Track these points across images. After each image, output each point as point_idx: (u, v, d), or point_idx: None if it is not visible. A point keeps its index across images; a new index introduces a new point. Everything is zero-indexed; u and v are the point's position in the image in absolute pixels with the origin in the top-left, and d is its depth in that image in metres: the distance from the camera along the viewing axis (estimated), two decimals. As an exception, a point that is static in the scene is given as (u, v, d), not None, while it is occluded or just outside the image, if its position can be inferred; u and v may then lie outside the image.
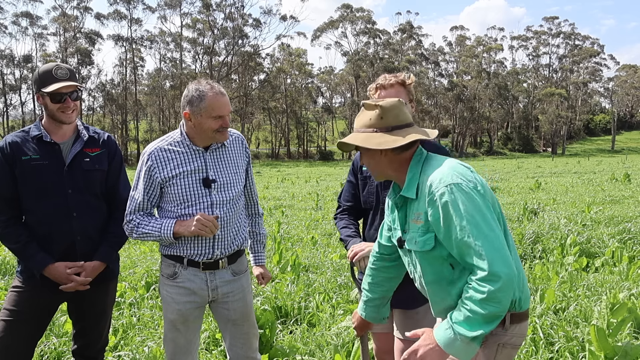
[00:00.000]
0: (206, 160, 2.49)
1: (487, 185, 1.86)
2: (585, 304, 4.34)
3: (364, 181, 2.70)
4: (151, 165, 2.44)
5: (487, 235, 1.70)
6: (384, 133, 1.90)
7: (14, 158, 2.50)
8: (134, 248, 7.23)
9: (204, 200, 2.45)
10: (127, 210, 2.50)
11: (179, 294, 2.49)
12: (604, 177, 20.76)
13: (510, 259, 1.71)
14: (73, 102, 2.52)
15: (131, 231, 2.48)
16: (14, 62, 63.08)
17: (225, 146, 2.56)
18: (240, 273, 2.62)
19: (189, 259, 2.47)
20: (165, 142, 2.50)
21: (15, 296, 2.55)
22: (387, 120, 1.91)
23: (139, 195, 2.47)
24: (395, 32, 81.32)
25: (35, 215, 2.54)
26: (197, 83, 2.41)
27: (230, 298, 2.56)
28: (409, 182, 1.91)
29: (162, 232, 2.40)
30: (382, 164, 1.96)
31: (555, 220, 8.51)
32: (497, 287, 1.66)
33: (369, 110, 1.95)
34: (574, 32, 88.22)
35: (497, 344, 1.84)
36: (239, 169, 2.60)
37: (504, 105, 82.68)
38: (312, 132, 79.47)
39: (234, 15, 69.05)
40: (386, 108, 1.91)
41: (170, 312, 2.51)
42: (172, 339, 2.53)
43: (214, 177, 2.48)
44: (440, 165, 1.86)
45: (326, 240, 8.16)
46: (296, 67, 75.39)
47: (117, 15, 66.90)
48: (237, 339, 2.62)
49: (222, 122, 2.40)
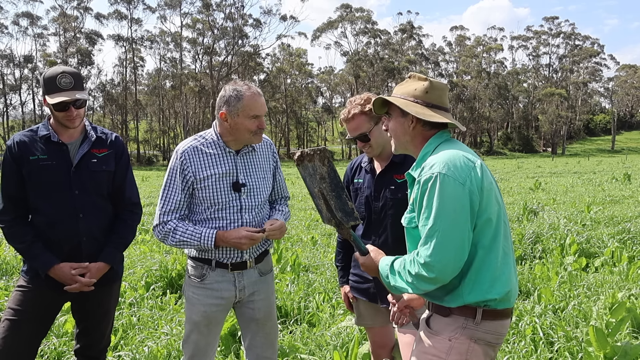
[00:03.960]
0: (237, 163, 2.48)
1: (486, 185, 1.83)
2: (585, 304, 4.34)
3: (356, 192, 2.75)
4: (184, 162, 2.42)
5: (445, 231, 1.74)
6: (424, 107, 1.95)
7: (21, 158, 2.51)
8: (134, 248, 7.23)
9: (234, 205, 2.45)
10: (160, 211, 2.44)
11: (205, 296, 2.49)
12: (603, 177, 20.76)
13: (453, 265, 1.76)
14: (76, 111, 2.52)
15: (165, 235, 2.42)
16: (14, 62, 63.08)
17: (256, 150, 2.55)
18: (267, 272, 2.62)
19: (217, 261, 2.47)
20: (199, 141, 2.48)
21: (19, 295, 2.55)
22: (432, 96, 1.96)
23: (174, 194, 2.43)
24: (396, 32, 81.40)
25: (41, 216, 2.55)
26: (234, 83, 2.40)
27: (256, 297, 2.56)
28: (418, 161, 1.96)
29: (201, 242, 2.37)
30: (407, 134, 1.99)
31: (555, 220, 8.51)
32: (425, 275, 1.76)
33: (417, 81, 2.00)
34: (574, 32, 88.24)
35: (469, 338, 1.85)
36: (267, 174, 2.60)
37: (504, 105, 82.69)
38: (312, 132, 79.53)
39: (234, 15, 69.08)
40: (435, 85, 1.97)
41: (195, 314, 2.49)
42: (194, 341, 2.51)
43: (243, 181, 2.47)
44: (448, 152, 1.87)
45: (326, 240, 8.16)
46: (296, 67, 75.40)
47: (118, 15, 66.96)
48: (257, 338, 2.61)
49: (259, 123, 2.40)
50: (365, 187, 2.70)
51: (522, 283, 5.19)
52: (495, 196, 1.88)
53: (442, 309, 1.91)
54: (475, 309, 1.85)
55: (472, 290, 1.84)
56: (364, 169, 2.75)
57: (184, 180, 2.43)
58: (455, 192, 1.76)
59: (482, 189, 1.82)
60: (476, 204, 1.80)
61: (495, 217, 1.85)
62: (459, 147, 1.92)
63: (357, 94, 3.18)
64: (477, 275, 1.83)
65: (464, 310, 1.86)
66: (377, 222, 2.63)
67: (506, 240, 1.89)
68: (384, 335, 2.77)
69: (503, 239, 1.87)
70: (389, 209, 2.58)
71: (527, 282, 5.22)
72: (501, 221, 1.88)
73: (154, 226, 2.50)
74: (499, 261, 1.85)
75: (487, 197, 1.83)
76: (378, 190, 2.64)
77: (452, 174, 1.78)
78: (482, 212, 1.82)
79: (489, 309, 1.85)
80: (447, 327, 1.89)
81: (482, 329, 1.86)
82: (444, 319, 1.91)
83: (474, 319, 1.85)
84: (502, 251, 1.86)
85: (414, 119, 1.95)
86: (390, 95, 2.06)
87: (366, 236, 2.67)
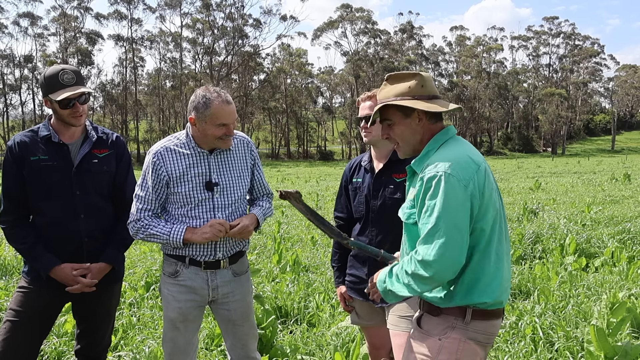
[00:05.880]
0: (210, 163, 2.50)
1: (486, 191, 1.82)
2: (585, 304, 4.35)
3: (355, 192, 2.77)
4: (157, 162, 2.45)
5: (447, 231, 1.73)
6: (424, 101, 1.91)
7: (22, 158, 2.51)
8: (134, 248, 7.23)
9: (207, 204, 2.47)
10: (134, 209, 2.49)
11: (179, 292, 2.51)
12: (603, 177, 20.76)
13: (452, 265, 1.75)
14: (82, 107, 2.52)
15: (137, 231, 2.47)
16: (14, 62, 63.05)
17: (230, 149, 2.56)
18: (241, 273, 2.63)
19: (190, 258, 2.49)
20: (172, 142, 2.52)
21: (21, 296, 2.55)
22: (427, 88, 1.93)
23: (146, 193, 2.47)
24: (396, 32, 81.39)
25: (42, 216, 2.55)
26: (205, 89, 2.41)
27: (231, 298, 2.57)
28: (422, 156, 1.94)
29: (170, 237, 2.41)
30: (417, 134, 1.95)
31: (555, 220, 8.52)
32: (422, 274, 1.76)
33: (404, 80, 1.95)
34: (574, 32, 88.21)
35: (459, 338, 1.86)
36: (244, 172, 2.61)
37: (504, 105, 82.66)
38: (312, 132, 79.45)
39: (234, 15, 69.05)
40: (426, 77, 1.95)
41: (170, 311, 2.52)
42: (172, 338, 2.54)
43: (216, 180, 2.49)
44: (454, 151, 1.86)
45: (326, 240, 8.16)
46: (296, 67, 75.36)
47: (117, 16, 66.89)
48: (237, 339, 2.63)
49: (226, 130, 2.41)
50: (365, 186, 2.72)
51: (522, 283, 5.20)
52: (493, 202, 1.86)
53: (434, 308, 1.92)
54: (465, 308, 1.86)
55: (465, 293, 1.85)
56: (364, 168, 2.77)
57: (158, 179, 2.46)
58: (459, 192, 1.76)
59: (483, 194, 1.82)
60: (476, 208, 1.80)
61: (490, 225, 1.84)
62: (465, 147, 1.91)
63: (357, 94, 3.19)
64: (471, 278, 1.84)
65: (454, 310, 1.87)
66: (375, 220, 2.67)
67: (500, 243, 1.88)
68: (380, 335, 2.77)
69: (497, 243, 1.87)
70: (388, 207, 2.60)
71: (527, 282, 5.22)
72: (497, 226, 1.87)
73: (128, 223, 2.52)
74: (492, 266, 1.85)
75: (486, 203, 1.83)
76: (377, 189, 2.66)
77: (456, 174, 1.77)
78: (480, 218, 1.82)
79: (479, 309, 1.86)
80: (438, 327, 1.90)
81: (472, 329, 1.86)
82: (435, 318, 1.92)
83: (464, 319, 1.86)
84: (496, 255, 1.86)
85: (420, 115, 1.92)
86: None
87: (363, 234, 2.71)
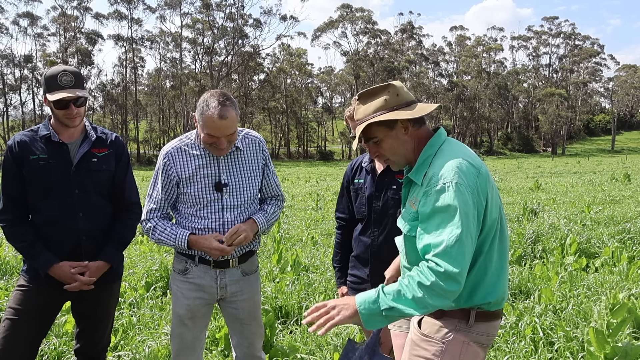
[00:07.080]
0: (220, 163, 2.51)
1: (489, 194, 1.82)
2: (585, 304, 4.34)
3: (356, 192, 2.78)
4: (167, 163, 2.48)
5: (463, 241, 1.69)
6: (404, 109, 1.88)
7: (22, 157, 2.52)
8: (134, 248, 7.23)
9: (216, 204, 2.49)
10: (145, 209, 2.55)
11: (188, 290, 2.53)
12: (603, 177, 20.77)
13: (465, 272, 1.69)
14: (77, 109, 2.53)
15: (147, 231, 2.54)
16: (14, 62, 63.08)
17: (241, 150, 2.56)
18: (250, 273, 2.64)
19: (200, 257, 2.52)
20: (183, 142, 2.54)
21: (20, 295, 2.56)
22: (403, 96, 1.90)
23: (156, 193, 2.52)
24: (396, 32, 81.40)
25: (41, 215, 2.56)
26: (212, 95, 2.35)
27: (239, 297, 2.59)
28: (418, 166, 1.89)
29: (176, 242, 2.46)
30: (406, 143, 1.91)
31: (555, 220, 8.52)
32: (443, 287, 1.66)
33: (378, 95, 1.90)
34: (574, 32, 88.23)
35: (463, 341, 1.84)
36: (254, 173, 2.60)
37: (504, 105, 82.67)
38: (312, 132, 79.51)
39: (234, 15, 69.07)
40: (399, 86, 1.92)
41: (179, 307, 2.55)
42: (179, 334, 2.56)
43: (226, 181, 2.50)
44: (453, 156, 1.82)
45: (326, 240, 8.16)
46: (296, 67, 75.40)
47: (117, 16, 66.94)
48: (244, 337, 2.64)
49: (217, 142, 2.38)
50: (366, 187, 2.72)
51: (522, 283, 5.19)
52: (496, 204, 1.85)
53: (436, 310, 1.87)
54: (468, 311, 1.84)
55: (469, 295, 1.83)
56: (365, 169, 2.77)
57: (168, 180, 2.49)
58: (469, 199, 1.74)
59: (486, 198, 1.81)
60: (481, 213, 1.79)
61: (493, 227, 1.83)
62: (461, 150, 1.88)
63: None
64: (475, 280, 1.83)
65: (458, 312, 1.85)
66: (377, 221, 2.67)
67: (501, 243, 1.88)
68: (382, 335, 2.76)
69: (498, 243, 1.86)
70: (390, 208, 2.62)
71: (527, 282, 5.22)
72: (498, 226, 1.86)
73: (141, 221, 2.60)
74: (494, 266, 1.84)
75: (490, 206, 1.82)
76: (379, 190, 2.67)
77: (463, 182, 1.75)
78: (485, 220, 1.81)
79: (482, 310, 1.85)
80: (440, 330, 1.87)
81: (476, 331, 1.85)
82: (436, 321, 1.89)
83: (467, 321, 1.84)
84: (497, 255, 1.85)
85: (405, 124, 1.89)
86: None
87: (365, 234, 2.71)
